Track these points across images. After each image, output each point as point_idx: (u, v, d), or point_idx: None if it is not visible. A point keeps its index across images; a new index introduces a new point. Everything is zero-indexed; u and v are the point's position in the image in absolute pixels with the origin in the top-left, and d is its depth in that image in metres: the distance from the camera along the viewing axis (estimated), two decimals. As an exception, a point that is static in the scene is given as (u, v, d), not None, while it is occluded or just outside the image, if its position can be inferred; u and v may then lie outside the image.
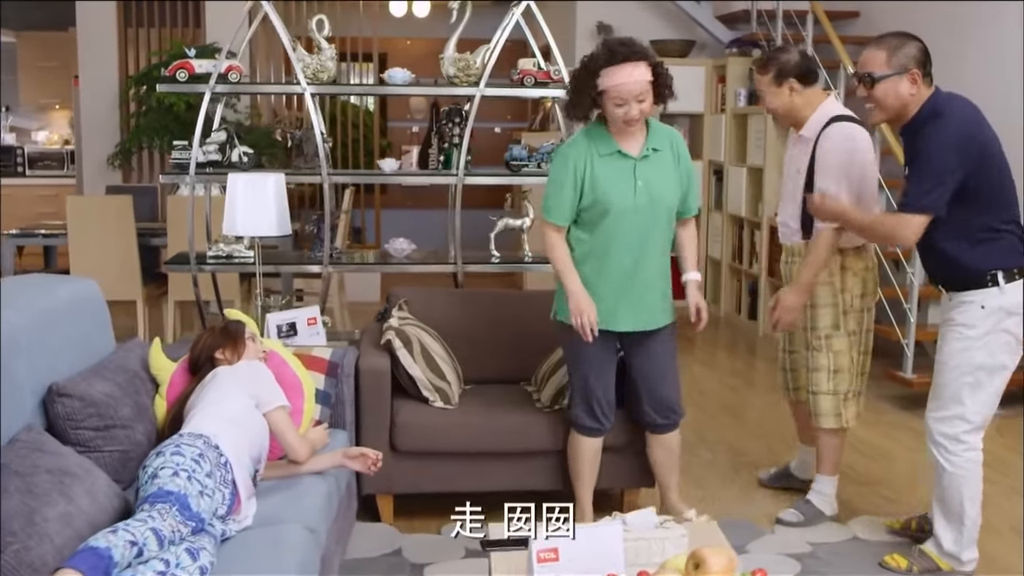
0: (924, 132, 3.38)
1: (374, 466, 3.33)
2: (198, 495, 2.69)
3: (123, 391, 3.27)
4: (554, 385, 4.09)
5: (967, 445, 3.54)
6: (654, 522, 2.81)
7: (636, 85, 3.48)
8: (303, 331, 4.35)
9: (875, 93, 3.41)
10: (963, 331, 3.49)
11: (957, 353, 3.50)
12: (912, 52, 3.39)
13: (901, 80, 3.37)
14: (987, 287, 3.44)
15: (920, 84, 3.39)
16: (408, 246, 4.98)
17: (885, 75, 3.37)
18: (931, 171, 3.34)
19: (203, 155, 4.74)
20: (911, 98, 3.40)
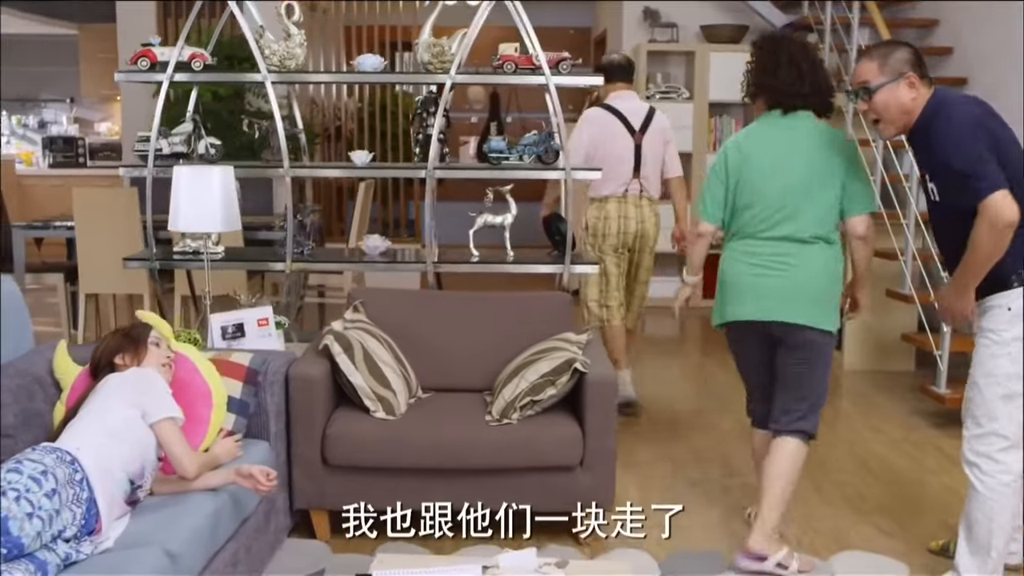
0: (933, 128, 3.16)
1: (264, 487, 3.07)
2: (24, 517, 2.47)
3: (12, 397, 3.11)
4: (506, 397, 3.78)
5: (1003, 466, 3.22)
6: (533, 565, 2.49)
7: None
8: (252, 333, 4.14)
9: (875, 105, 3.24)
10: (991, 337, 3.22)
11: (986, 361, 3.22)
12: (904, 56, 3.23)
13: (898, 86, 3.20)
14: (1012, 288, 3.17)
15: (919, 86, 3.21)
16: (382, 243, 4.72)
17: (881, 83, 3.21)
18: (967, 152, 3.05)
19: (168, 146, 4.56)
20: (913, 103, 3.21)
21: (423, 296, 4.43)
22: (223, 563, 3.08)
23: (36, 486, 2.56)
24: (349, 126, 9.29)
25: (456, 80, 4.42)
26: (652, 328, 7.97)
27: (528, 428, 3.70)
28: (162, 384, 3.12)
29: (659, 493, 4.29)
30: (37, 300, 7.33)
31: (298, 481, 3.73)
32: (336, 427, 3.70)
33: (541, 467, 3.68)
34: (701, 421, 5.21)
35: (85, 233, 6.09)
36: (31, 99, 10.91)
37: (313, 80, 7.55)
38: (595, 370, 3.73)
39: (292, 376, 3.68)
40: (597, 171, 4.65)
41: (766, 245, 3.56)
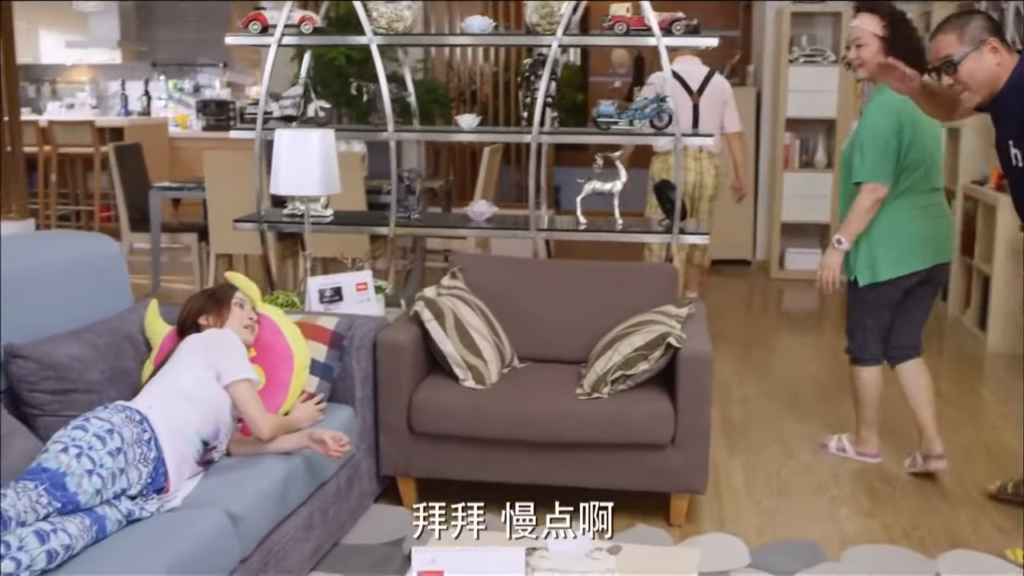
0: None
1: (334, 453, 3.04)
2: (84, 474, 2.50)
3: (99, 354, 3.16)
4: (598, 371, 3.65)
5: None
6: (582, 550, 2.37)
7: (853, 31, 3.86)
8: (350, 297, 4.13)
9: (960, 76, 3.24)
10: None
11: None
12: (980, 23, 3.25)
13: (982, 54, 3.21)
14: None
15: (1002, 51, 3.20)
16: (488, 208, 4.63)
17: (964, 54, 3.21)
18: None
19: (279, 109, 4.58)
20: (999, 68, 3.21)
21: (524, 264, 4.33)
22: (295, 527, 3.08)
23: (100, 444, 2.59)
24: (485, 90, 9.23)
25: (562, 42, 4.28)
26: (790, 302, 7.67)
27: (618, 403, 3.57)
28: (238, 346, 3.12)
29: (764, 477, 4.09)
30: (173, 259, 7.58)
31: (384, 448, 3.70)
32: (423, 395, 3.65)
33: (630, 444, 3.54)
34: (825, 404, 4.95)
35: (215, 194, 6.23)
36: (187, 64, 11.25)
37: (419, 43, 7.46)
38: (691, 346, 3.56)
39: (380, 342, 3.65)
40: (709, 136, 4.45)
41: (929, 197, 3.90)
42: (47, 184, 9.18)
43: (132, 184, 6.87)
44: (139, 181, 6.96)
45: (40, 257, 3.30)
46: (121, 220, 6.90)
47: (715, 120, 5.87)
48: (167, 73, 11.20)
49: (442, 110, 7.83)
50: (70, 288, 3.32)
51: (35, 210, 9.05)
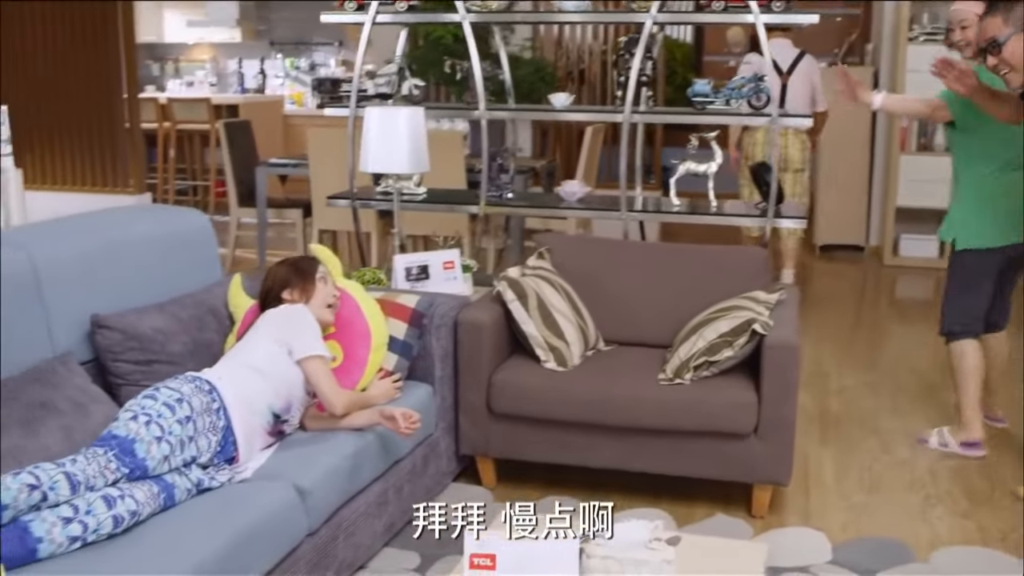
0: None
1: (404, 430, 3.04)
2: (152, 440, 2.56)
3: (182, 327, 3.22)
4: (681, 356, 3.57)
5: None
6: (641, 539, 2.31)
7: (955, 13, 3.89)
8: (436, 275, 4.13)
9: (1004, 56, 3.33)
10: None
11: None
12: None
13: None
14: None
15: None
16: (580, 189, 4.57)
17: (1009, 35, 3.31)
18: None
19: (373, 87, 4.61)
20: None
21: (613, 245, 4.26)
22: (367, 502, 3.10)
23: (169, 412, 2.64)
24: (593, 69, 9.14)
25: (657, 20, 4.18)
26: (902, 291, 7.40)
27: (700, 390, 3.48)
28: (311, 323, 3.13)
29: (856, 472, 3.95)
30: (279, 234, 7.73)
31: (464, 427, 3.69)
32: (502, 375, 3.63)
33: (711, 432, 3.45)
34: (929, 399, 4.75)
35: (318, 171, 6.31)
36: (303, 42, 11.44)
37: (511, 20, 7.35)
38: (777, 333, 3.45)
39: (460, 321, 3.63)
40: (807, 117, 4.30)
41: None
42: (166, 159, 9.46)
43: (241, 160, 7.02)
44: (247, 157, 7.10)
45: (132, 230, 3.38)
46: (230, 195, 7.06)
47: (803, 100, 5.98)
48: (284, 51, 11.41)
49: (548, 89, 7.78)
50: (160, 261, 3.39)
51: (154, 184, 9.36)
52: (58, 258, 3.00)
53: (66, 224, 3.28)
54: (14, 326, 2.81)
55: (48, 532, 2.26)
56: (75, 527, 2.30)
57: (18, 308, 2.84)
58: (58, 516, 2.29)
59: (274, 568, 2.63)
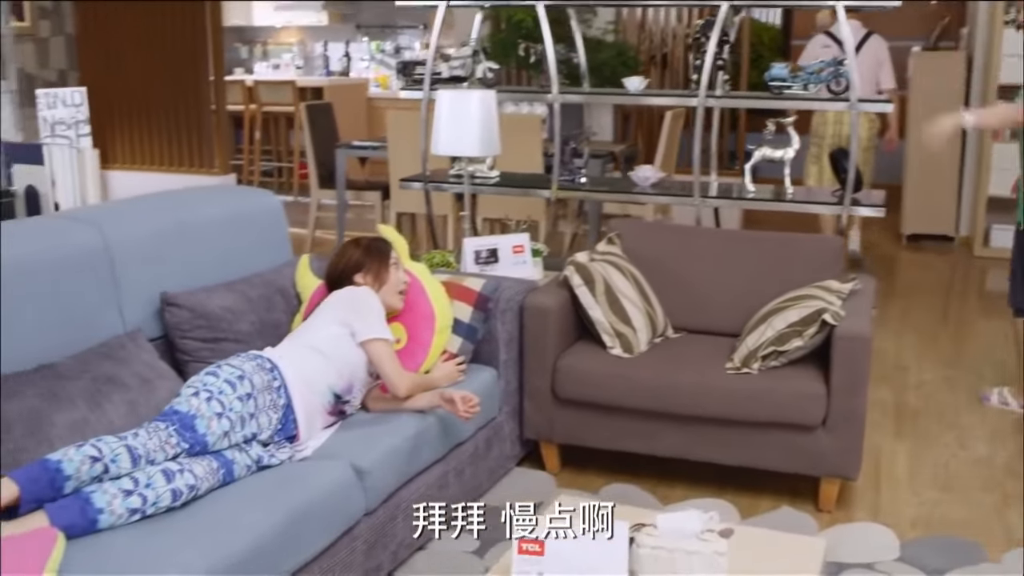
0: None
1: (463, 414, 3.04)
2: (213, 416, 2.60)
3: (250, 306, 3.27)
4: (749, 345, 3.51)
5: None
6: (693, 530, 2.28)
7: None
8: (506, 259, 4.12)
9: None
10: None
11: None
12: None
13: None
14: None
15: None
16: (653, 174, 4.52)
17: None
18: None
19: (448, 70, 4.61)
20: None
21: (684, 231, 4.21)
22: (426, 484, 3.11)
23: (230, 389, 2.68)
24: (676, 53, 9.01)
25: (734, 3, 4.09)
26: (992, 283, 7.17)
27: (767, 380, 3.42)
28: (376, 306, 3.14)
29: (930, 468, 3.85)
30: (358, 216, 7.80)
31: (528, 412, 3.68)
32: (568, 360, 3.61)
33: (778, 423, 3.39)
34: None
35: (396, 153, 6.35)
36: (389, 25, 11.50)
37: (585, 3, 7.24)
38: (848, 324, 3.36)
39: (526, 305, 3.62)
40: (887, 103, 4.18)
41: None
42: (251, 141, 9.62)
43: (322, 142, 7.09)
44: (328, 139, 7.17)
45: (203, 210, 3.43)
46: (310, 177, 7.14)
47: (869, 81, 6.05)
48: (370, 35, 11.49)
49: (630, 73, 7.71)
50: (231, 241, 3.44)
51: (240, 166, 9.53)
52: (130, 237, 3.07)
53: (139, 204, 3.35)
54: (86, 303, 2.89)
55: (109, 503, 2.31)
56: (135, 499, 2.35)
57: (90, 285, 2.91)
58: (119, 488, 2.34)
59: (331, 545, 2.66)
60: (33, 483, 2.26)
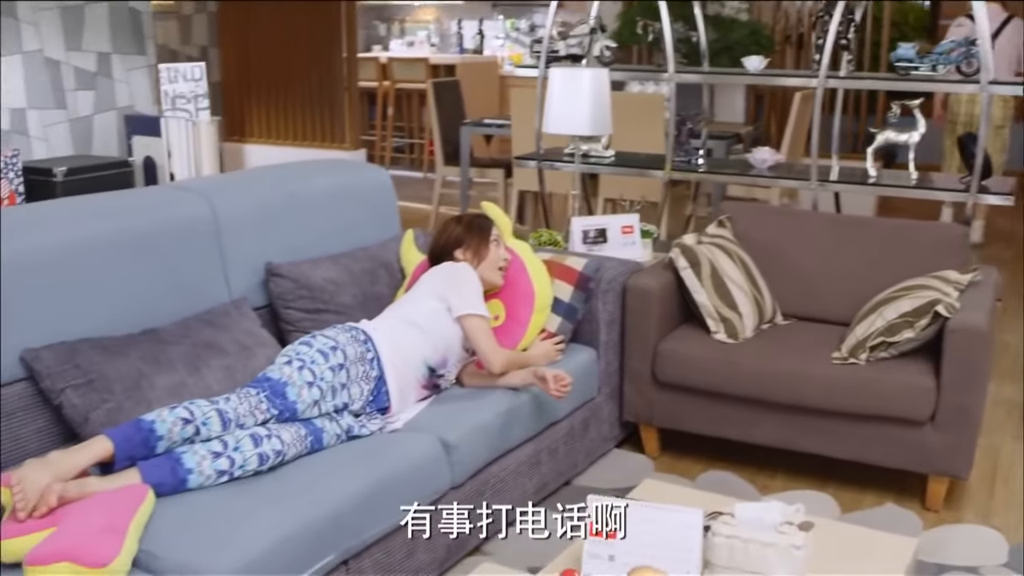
0: None
1: (556, 392, 3.02)
2: (304, 385, 2.66)
3: (353, 279, 3.33)
4: (858, 335, 3.39)
5: None
6: (772, 522, 2.22)
7: None
8: (614, 239, 4.09)
9: None
10: None
11: None
12: None
13: None
14: None
15: None
16: (771, 156, 4.40)
17: None
18: None
19: (565, 48, 4.58)
20: None
21: (798, 216, 4.09)
22: (517, 461, 3.12)
23: (322, 359, 2.74)
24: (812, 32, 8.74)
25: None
26: None
27: (873, 371, 3.30)
28: (473, 282, 3.15)
29: (1052, 469, 3.66)
30: (481, 193, 7.82)
31: (628, 394, 3.65)
32: (669, 343, 3.56)
33: (883, 417, 3.27)
34: None
35: (519, 131, 6.35)
36: (524, 3, 11.51)
37: None
38: (963, 316, 3.21)
39: (629, 286, 3.59)
40: (1019, 85, 3.96)
41: None
42: (384, 117, 9.77)
43: (448, 119, 7.15)
44: (455, 116, 7.23)
45: (313, 184, 3.51)
46: (436, 153, 7.22)
47: (1007, 64, 6.03)
48: (505, 13, 11.50)
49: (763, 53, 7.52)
50: (338, 215, 3.51)
51: (372, 141, 9.70)
52: (238, 208, 3.15)
53: (250, 176, 3.45)
54: (194, 271, 2.99)
55: (198, 464, 2.39)
56: (223, 461, 2.42)
57: (198, 254, 3.01)
58: (208, 450, 2.42)
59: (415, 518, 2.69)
60: (127, 441, 2.35)
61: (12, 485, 2.16)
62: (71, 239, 2.70)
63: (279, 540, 2.26)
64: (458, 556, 2.90)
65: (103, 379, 2.54)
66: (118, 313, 2.74)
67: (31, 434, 2.54)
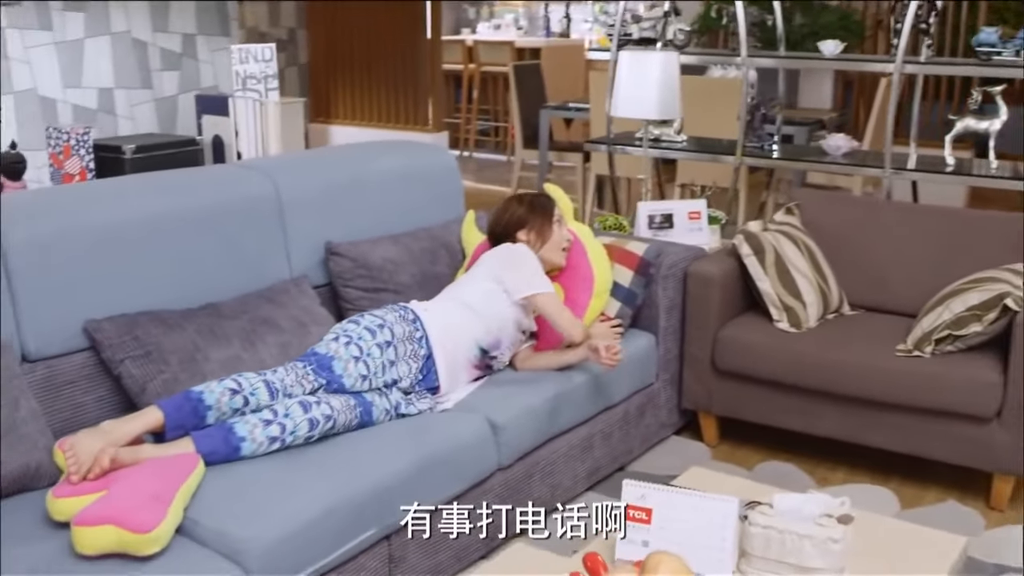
0: None
1: (608, 361, 2.99)
2: (350, 359, 2.70)
3: (412, 259, 3.37)
4: (924, 327, 3.31)
5: None
6: (811, 513, 2.19)
7: None
8: (680, 225, 4.06)
9: None
10: None
11: None
12: None
13: None
14: None
15: None
16: (845, 143, 4.31)
17: None
18: None
19: (638, 31, 4.55)
20: None
21: (869, 204, 4.00)
22: (569, 444, 3.12)
23: (369, 336, 2.77)
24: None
25: (940, -39, 3.84)
26: None
27: (938, 365, 3.22)
28: (532, 261, 3.14)
29: None
30: (559, 177, 7.82)
31: (687, 381, 3.63)
32: (730, 331, 3.52)
33: (946, 412, 3.19)
34: None
35: (597, 115, 6.32)
36: (613, -13, 11.46)
37: None
38: (1033, 310, 3.12)
39: (690, 272, 3.56)
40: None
41: None
42: (469, 100, 9.81)
43: (528, 102, 7.16)
44: (535, 100, 7.23)
45: (377, 165, 3.55)
46: (515, 136, 7.23)
47: None
48: (595, -5, 11.47)
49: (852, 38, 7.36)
50: (401, 195, 3.55)
51: (457, 124, 9.76)
52: (301, 188, 3.21)
53: (314, 156, 3.50)
54: (256, 248, 3.05)
55: (250, 432, 2.45)
56: (274, 428, 2.48)
57: (260, 232, 3.08)
58: (259, 418, 2.48)
59: (460, 495, 2.71)
60: (176, 411, 2.42)
61: (65, 450, 2.25)
62: (136, 215, 2.78)
63: (320, 513, 2.30)
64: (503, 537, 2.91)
65: (160, 351, 2.62)
66: (180, 288, 2.82)
67: (92, 402, 2.63)
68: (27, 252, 2.52)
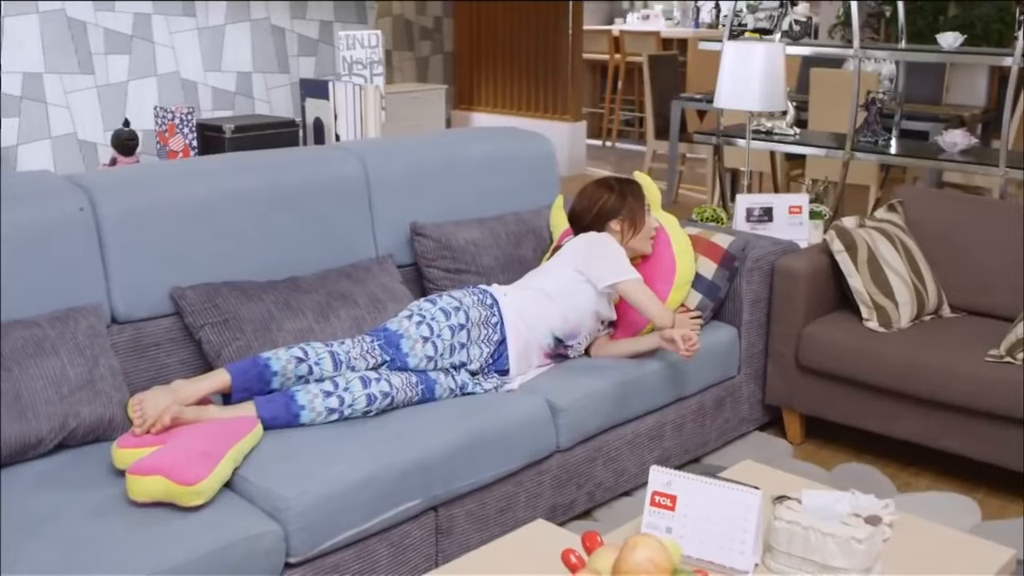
0: None
1: (685, 352, 2.94)
2: (419, 339, 2.78)
3: (497, 242, 3.44)
4: (1018, 334, 3.18)
5: None
6: (839, 512, 2.16)
7: None
8: (780, 219, 4.00)
9: None
10: None
11: None
12: None
13: None
14: None
15: None
16: (963, 139, 4.15)
17: None
18: None
19: (753, 21, 4.50)
20: None
21: (978, 203, 3.83)
22: (636, 432, 3.14)
23: (443, 317, 2.85)
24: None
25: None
26: None
27: (1026, 373, 3.09)
28: (615, 249, 3.13)
29: None
30: (690, 168, 7.77)
31: (771, 377, 3.59)
32: (815, 328, 3.46)
33: (1032, 421, 3.07)
34: None
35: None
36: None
37: None
38: None
39: (777, 267, 3.51)
40: None
41: None
42: (614, 91, 9.82)
43: (662, 93, 7.13)
44: (670, 90, 7.19)
45: (470, 150, 3.63)
46: (648, 127, 7.22)
47: None
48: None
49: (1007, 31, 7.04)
50: (493, 180, 3.63)
51: (601, 114, 9.77)
52: (389, 169, 3.34)
53: (406, 140, 3.60)
54: (344, 226, 3.19)
55: (310, 402, 2.58)
56: (333, 400, 2.60)
57: (349, 210, 3.21)
58: (320, 389, 2.60)
59: (514, 473, 2.77)
60: (243, 374, 2.57)
61: (134, 405, 2.42)
62: (228, 190, 2.95)
63: (362, 479, 2.40)
64: (562, 519, 2.96)
65: (237, 319, 2.78)
66: (267, 261, 2.98)
67: (175, 364, 2.81)
68: (122, 222, 2.72)
